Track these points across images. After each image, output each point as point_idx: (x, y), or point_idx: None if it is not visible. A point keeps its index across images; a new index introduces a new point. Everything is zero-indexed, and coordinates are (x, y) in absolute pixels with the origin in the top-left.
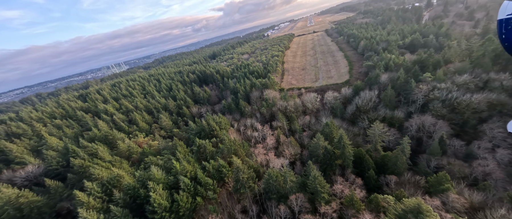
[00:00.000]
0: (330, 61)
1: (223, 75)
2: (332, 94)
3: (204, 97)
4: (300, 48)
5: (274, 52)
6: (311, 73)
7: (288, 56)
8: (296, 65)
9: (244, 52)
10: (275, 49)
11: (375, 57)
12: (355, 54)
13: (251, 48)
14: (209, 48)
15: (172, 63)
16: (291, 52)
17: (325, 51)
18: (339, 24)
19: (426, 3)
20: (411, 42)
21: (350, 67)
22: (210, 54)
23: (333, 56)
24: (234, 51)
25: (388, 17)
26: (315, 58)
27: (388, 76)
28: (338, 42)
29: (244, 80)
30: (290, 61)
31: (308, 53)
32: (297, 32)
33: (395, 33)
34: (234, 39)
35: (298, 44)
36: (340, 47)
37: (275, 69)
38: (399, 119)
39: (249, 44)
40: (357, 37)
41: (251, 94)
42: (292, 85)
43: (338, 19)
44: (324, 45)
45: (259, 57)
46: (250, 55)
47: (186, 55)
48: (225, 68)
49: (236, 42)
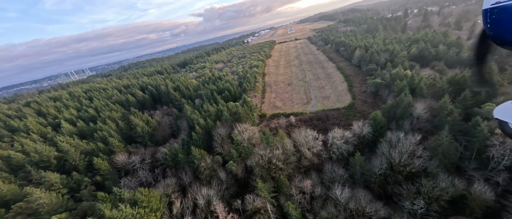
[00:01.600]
0: (320, 74)
1: (184, 93)
2: (341, 133)
3: (145, 133)
4: (283, 56)
5: (253, 61)
6: (300, 90)
7: (269, 66)
8: (280, 78)
9: (219, 61)
10: (255, 57)
11: (382, 72)
12: (349, 65)
13: (228, 55)
14: (183, 55)
15: (131, 73)
16: (273, 62)
17: (312, 61)
18: (321, 32)
19: (403, 13)
20: (420, 53)
21: (348, 84)
22: (180, 61)
23: (323, 67)
24: (208, 59)
25: (373, 25)
26: (302, 70)
27: (426, 105)
28: (326, 51)
29: (210, 102)
30: (273, 73)
31: (293, 63)
32: (278, 39)
33: (393, 42)
34: (213, 44)
35: (280, 52)
36: (329, 57)
37: (253, 85)
38: (482, 200)
39: (226, 51)
40: (349, 45)
41: (215, 130)
42: (277, 108)
43: (318, 27)
44: (310, 54)
45: (235, 67)
46: (225, 64)
47: (156, 61)
48: (191, 81)
49: (212, 49)
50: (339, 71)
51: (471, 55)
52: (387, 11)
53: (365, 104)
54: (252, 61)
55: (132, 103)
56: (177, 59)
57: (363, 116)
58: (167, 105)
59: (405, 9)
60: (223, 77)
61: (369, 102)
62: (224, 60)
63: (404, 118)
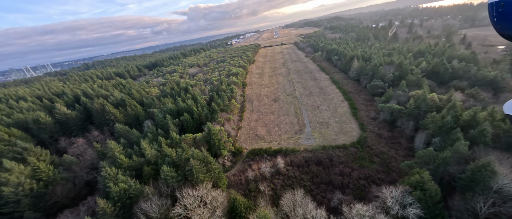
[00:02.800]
0: (313, 87)
1: (133, 108)
2: (364, 211)
3: (23, 195)
4: (268, 63)
5: (233, 68)
6: (289, 109)
7: (252, 74)
8: (264, 90)
9: (194, 64)
10: (235, 62)
11: (396, 93)
12: (346, 78)
13: (206, 58)
14: (156, 55)
15: (86, 73)
16: (256, 68)
17: (302, 69)
18: (308, 38)
19: (388, 24)
20: (434, 69)
21: (350, 105)
22: (150, 62)
23: (315, 78)
24: (182, 62)
25: (363, 34)
26: (290, 80)
27: None
28: (316, 59)
29: (156, 131)
30: (255, 83)
31: (279, 71)
32: (263, 43)
33: (393, 53)
34: (195, 45)
35: (265, 58)
36: (320, 66)
37: (228, 102)
38: None
39: (206, 54)
40: (343, 54)
41: (139, 204)
42: (259, 139)
43: (304, 32)
44: (298, 61)
45: (210, 74)
46: (201, 69)
47: (127, 60)
48: (151, 89)
49: (191, 50)
50: (334, 85)
51: None
52: (369, 21)
53: (382, 141)
54: (231, 67)
55: (46, 126)
56: (147, 60)
57: (385, 164)
58: (101, 129)
59: (390, 20)
60: (190, 88)
61: (386, 137)
62: (200, 63)
63: (476, 186)
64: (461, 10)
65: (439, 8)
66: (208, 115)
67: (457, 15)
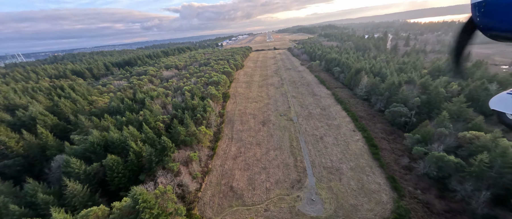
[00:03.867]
0: (312, 106)
1: (31, 143)
2: None
3: None
4: (259, 69)
5: (216, 74)
6: (283, 141)
7: (239, 82)
8: (250, 107)
9: (172, 65)
10: (220, 67)
11: (435, 130)
12: (351, 96)
13: (189, 59)
14: (137, 51)
15: (35, 68)
16: (244, 75)
17: (297, 80)
18: (303, 44)
19: (384, 35)
20: (472, 94)
21: (367, 139)
22: (123, 60)
23: (314, 94)
24: (160, 61)
25: (362, 44)
26: (284, 94)
27: None
28: (313, 69)
29: None
30: (241, 95)
31: (271, 81)
32: (255, 46)
33: (408, 67)
34: (185, 43)
35: (256, 63)
36: (319, 78)
37: (196, 129)
38: None
39: (190, 54)
40: (346, 65)
41: None
42: (235, 197)
43: (298, 38)
44: (293, 70)
45: (185, 80)
46: (178, 72)
47: (103, 55)
48: (97, 98)
49: (175, 48)
50: (339, 104)
51: (452, 44)
52: (362, 31)
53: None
54: (214, 73)
55: None
56: (122, 56)
57: None
58: None
59: (385, 32)
60: (148, 101)
61: (439, 212)
62: (180, 65)
63: None
64: (451, 26)
65: (430, 24)
66: (154, 157)
67: (448, 31)
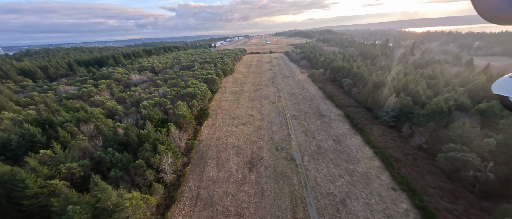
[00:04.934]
0: (322, 135)
1: None
2: None
3: None
4: (252, 75)
5: (195, 82)
6: (281, 207)
7: (225, 93)
8: (233, 133)
9: (147, 68)
10: (203, 72)
11: None
12: (371, 119)
13: (172, 60)
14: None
15: None
16: (233, 84)
17: (298, 93)
18: (301, 48)
19: (385, 42)
20: None
21: (422, 211)
22: (95, 58)
23: (321, 114)
24: (136, 62)
25: (368, 51)
26: (281, 112)
27: None
28: (316, 78)
29: None
30: (224, 113)
31: (265, 92)
32: (250, 49)
33: (439, 85)
34: (178, 43)
35: (249, 67)
36: (324, 91)
37: (128, 196)
38: None
39: (175, 55)
40: (360, 77)
41: None
42: None
43: (295, 42)
44: (291, 78)
45: (152, 90)
46: (151, 77)
47: (82, 52)
48: (22, 111)
49: (160, 48)
50: (359, 133)
51: None
52: (360, 38)
53: None
54: (192, 80)
55: None
56: (92, 54)
57: None
58: None
59: (387, 39)
60: (65, 134)
61: None
62: (158, 67)
63: None
64: (451, 36)
65: (427, 33)
66: None
67: (448, 41)
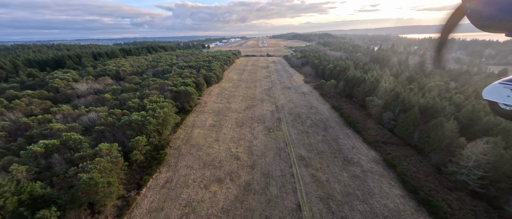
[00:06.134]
0: (351, 198)
1: None
2: None
3: None
4: (243, 85)
5: (156, 104)
6: None
7: (203, 113)
8: (196, 211)
9: (110, 72)
10: (178, 82)
11: None
12: (430, 171)
13: (149, 63)
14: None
15: None
16: (218, 99)
17: (304, 114)
18: (302, 52)
19: (391, 48)
20: None
21: None
22: (55, 57)
23: (345, 157)
24: (101, 64)
25: (382, 58)
26: (282, 151)
27: None
28: (326, 92)
29: None
30: (195, 153)
31: (259, 113)
32: (245, 51)
33: None
34: (171, 43)
35: (242, 74)
36: (340, 112)
37: None
38: None
39: (156, 56)
40: (399, 98)
41: None
42: None
43: (294, 45)
44: (293, 90)
45: (78, 112)
46: (105, 86)
47: (56, 49)
48: None
49: (143, 47)
50: (423, 206)
51: (438, 36)
52: (361, 42)
53: None
54: (154, 97)
55: None
56: (53, 53)
57: None
58: None
59: (392, 44)
60: None
61: None
62: (124, 72)
63: None
64: (455, 43)
65: (429, 40)
66: None
67: (453, 48)
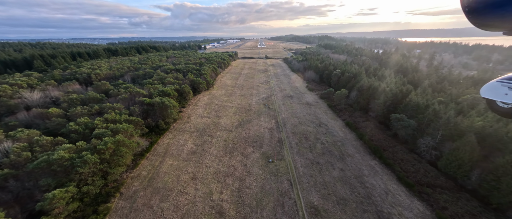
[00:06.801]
0: None
1: None
2: None
3: None
4: (238, 93)
5: (115, 126)
6: None
7: (182, 137)
8: None
9: (80, 75)
10: (155, 91)
11: None
12: (471, 203)
13: (129, 66)
14: (53, 48)
15: None
16: (205, 112)
17: (311, 134)
18: (304, 55)
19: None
20: None
21: None
22: (26, 57)
23: (368, 194)
24: (79, 65)
25: (391, 62)
26: (288, 198)
27: None
28: (334, 102)
29: None
30: (166, 195)
31: (255, 132)
32: (243, 52)
33: None
34: (167, 43)
35: (236, 79)
36: (361, 136)
37: None
38: None
39: (141, 58)
40: (438, 118)
41: None
42: None
43: (293, 47)
44: (297, 100)
45: None
46: (67, 95)
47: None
48: None
49: (127, 47)
50: None
51: None
52: (362, 45)
53: None
54: (111, 115)
55: None
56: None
57: None
58: None
59: (396, 48)
60: None
61: None
62: (97, 76)
63: None
64: (459, 48)
65: (432, 44)
66: None
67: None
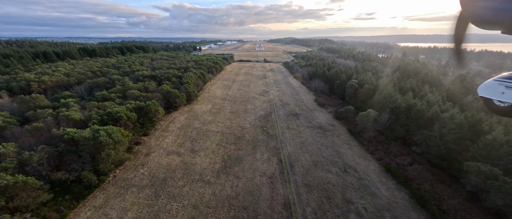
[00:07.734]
0: None
1: None
2: None
3: None
4: (228, 109)
5: None
6: None
7: (118, 200)
8: None
9: (16, 85)
10: (104, 115)
11: None
12: None
13: (100, 69)
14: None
15: None
16: (174, 144)
17: (338, 186)
18: (306, 59)
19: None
20: None
21: None
22: None
23: None
24: (39, 68)
25: (412, 70)
26: None
27: None
28: (358, 128)
29: None
30: None
31: (249, 177)
32: (240, 55)
33: None
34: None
35: (229, 89)
36: (403, 183)
37: None
38: None
39: (120, 59)
40: None
41: None
42: None
43: (293, 50)
44: (303, 118)
45: None
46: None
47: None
48: None
49: (116, 47)
50: None
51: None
52: (363, 49)
53: None
54: None
55: None
56: None
57: None
58: None
59: (404, 53)
60: None
61: None
62: (41, 84)
63: None
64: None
65: (434, 49)
66: None
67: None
